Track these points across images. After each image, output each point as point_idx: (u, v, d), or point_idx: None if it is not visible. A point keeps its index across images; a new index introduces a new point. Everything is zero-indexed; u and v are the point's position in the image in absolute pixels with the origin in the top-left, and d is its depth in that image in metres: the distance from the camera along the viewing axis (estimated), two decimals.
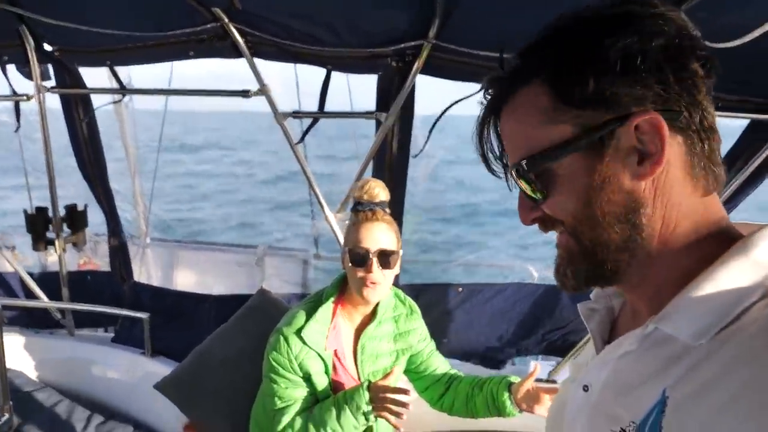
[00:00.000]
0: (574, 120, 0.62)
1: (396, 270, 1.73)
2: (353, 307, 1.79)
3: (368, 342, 1.80)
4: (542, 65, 0.65)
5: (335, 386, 1.76)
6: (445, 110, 2.35)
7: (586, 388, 0.73)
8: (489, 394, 1.82)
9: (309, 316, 1.71)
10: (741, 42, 1.45)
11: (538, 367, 1.73)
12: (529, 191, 0.68)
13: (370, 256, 1.64)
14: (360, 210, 1.70)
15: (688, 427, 0.56)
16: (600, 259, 0.66)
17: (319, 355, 1.70)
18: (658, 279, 0.65)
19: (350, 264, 1.67)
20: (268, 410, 1.76)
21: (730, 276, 0.59)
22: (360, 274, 1.65)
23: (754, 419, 0.51)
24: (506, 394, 1.77)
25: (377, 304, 1.80)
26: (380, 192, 1.71)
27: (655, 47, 0.59)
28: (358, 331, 1.81)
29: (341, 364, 1.77)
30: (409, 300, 1.96)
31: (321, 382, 1.71)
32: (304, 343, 1.67)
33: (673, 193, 0.62)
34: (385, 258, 1.65)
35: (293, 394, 1.70)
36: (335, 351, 1.75)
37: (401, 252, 1.74)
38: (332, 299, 1.76)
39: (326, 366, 1.71)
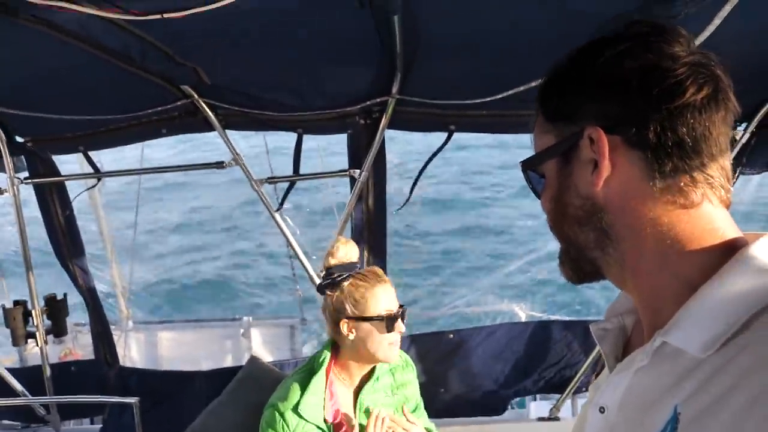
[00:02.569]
0: (552, 132, 0.71)
1: None
2: (351, 370, 1.76)
3: (367, 397, 1.78)
4: (538, 93, 0.75)
5: None
6: (425, 166, 2.43)
7: (602, 410, 0.72)
8: None
9: (303, 388, 1.68)
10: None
11: None
12: (530, 188, 0.78)
13: (401, 315, 1.67)
14: (362, 273, 1.70)
15: None
16: (574, 255, 0.73)
17: (318, 428, 1.66)
18: (655, 287, 0.67)
19: (386, 330, 1.65)
20: None
21: (735, 285, 0.59)
22: (391, 336, 1.67)
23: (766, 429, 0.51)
24: None
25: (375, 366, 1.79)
26: (349, 250, 1.73)
27: (621, 67, 0.64)
28: (357, 392, 1.79)
29: (343, 426, 1.74)
30: (404, 353, 1.96)
31: None
32: (301, 417, 1.64)
33: (634, 202, 0.65)
34: (405, 314, 1.70)
35: None
36: (337, 423, 1.72)
37: None
38: (324, 367, 1.72)
39: None
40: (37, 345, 2.83)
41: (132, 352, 4.64)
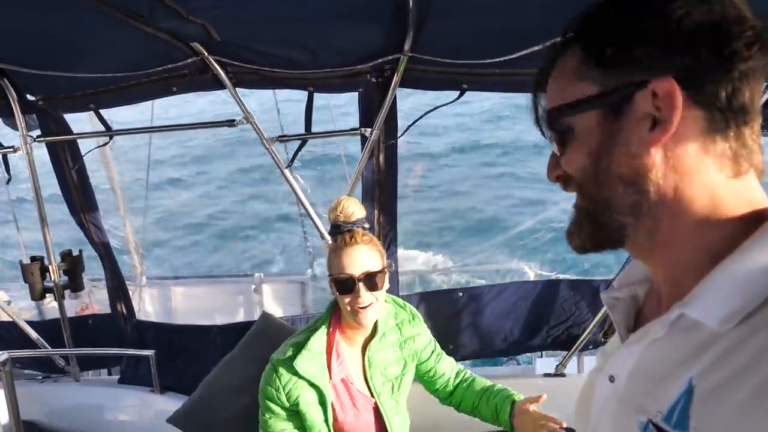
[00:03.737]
0: (598, 79, 0.64)
1: (386, 287, 1.73)
2: (352, 330, 1.78)
3: (374, 354, 1.81)
4: (580, 29, 0.67)
5: (349, 409, 1.77)
6: (424, 115, 2.43)
7: (612, 379, 0.71)
8: (494, 408, 1.88)
9: (301, 345, 1.70)
10: None
11: (544, 397, 1.81)
12: (553, 143, 0.71)
13: (356, 281, 1.62)
14: (338, 233, 1.68)
15: (716, 417, 0.54)
16: (604, 220, 0.67)
17: (312, 385, 1.68)
18: (681, 259, 0.64)
19: (337, 291, 1.67)
20: None
21: (758, 258, 0.57)
22: (348, 299, 1.65)
23: None
24: (508, 413, 1.83)
25: (376, 321, 1.80)
26: (355, 210, 1.70)
27: (692, 18, 0.59)
28: (364, 349, 1.82)
29: (354, 388, 1.78)
30: (409, 306, 1.98)
31: (314, 413, 1.70)
32: (295, 373, 1.66)
33: (687, 166, 0.61)
34: (371, 280, 1.64)
35: (277, 426, 1.71)
36: (343, 379, 1.76)
37: (389, 268, 1.75)
38: (325, 327, 1.75)
39: (321, 396, 1.70)
40: (55, 300, 2.91)
41: (146, 307, 4.74)
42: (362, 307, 1.64)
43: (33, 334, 2.98)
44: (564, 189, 0.73)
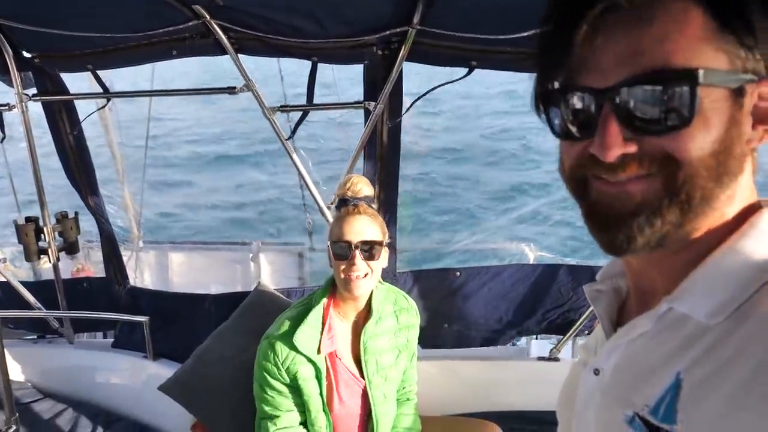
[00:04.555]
0: (731, 52, 0.53)
1: (383, 262, 1.73)
2: (346, 305, 1.78)
3: (370, 340, 1.80)
4: None
5: (334, 386, 1.77)
6: (429, 90, 2.37)
7: (597, 372, 0.71)
8: None
9: (299, 320, 1.71)
10: None
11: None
12: (653, 114, 0.54)
13: (353, 248, 1.64)
14: (343, 206, 1.72)
15: (704, 410, 0.54)
16: (692, 217, 0.57)
17: (310, 360, 1.69)
18: (684, 256, 0.61)
19: (333, 258, 1.68)
20: (258, 414, 1.79)
21: (746, 251, 0.56)
22: (343, 266, 1.66)
23: None
24: None
25: (370, 300, 1.80)
26: (363, 187, 1.73)
27: None
28: (357, 330, 1.81)
29: (340, 364, 1.77)
30: (410, 299, 1.98)
31: (311, 388, 1.71)
32: (293, 348, 1.67)
33: (746, 168, 0.58)
34: (369, 249, 1.66)
35: (279, 402, 1.73)
36: (331, 353, 1.75)
37: (388, 243, 1.76)
38: (323, 301, 1.75)
39: (318, 371, 1.71)
40: (50, 261, 2.89)
41: (142, 272, 4.73)
42: (356, 276, 1.66)
43: (27, 295, 2.97)
44: (624, 173, 0.57)
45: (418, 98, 2.43)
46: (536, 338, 3.10)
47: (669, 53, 0.53)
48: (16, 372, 2.99)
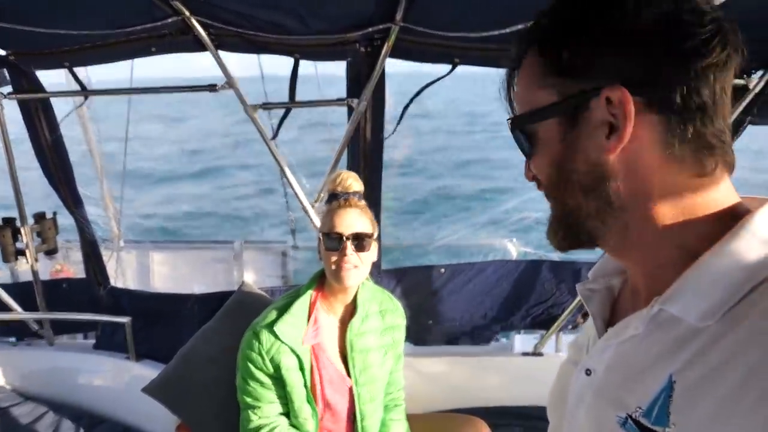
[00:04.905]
0: (556, 87, 0.63)
1: (372, 254, 1.76)
2: (333, 297, 1.79)
3: (356, 338, 1.80)
4: (536, 33, 0.66)
5: (318, 380, 1.76)
6: (417, 93, 2.37)
7: (588, 372, 0.71)
8: None
9: (283, 311, 1.72)
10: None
11: None
12: (520, 148, 0.71)
13: (344, 239, 1.67)
14: (334, 200, 1.74)
15: (697, 413, 0.55)
16: (571, 224, 0.67)
17: (293, 351, 1.70)
18: (656, 257, 0.64)
19: (325, 249, 1.70)
20: (240, 405, 1.78)
21: (737, 254, 0.57)
22: (334, 258, 1.68)
23: (763, 407, 0.49)
24: None
25: (356, 296, 1.81)
26: (353, 183, 1.76)
27: (642, 18, 0.58)
28: (343, 326, 1.81)
29: (325, 357, 1.77)
30: (396, 301, 1.99)
31: (294, 379, 1.71)
32: (277, 337, 1.68)
33: (647, 170, 0.61)
34: (360, 241, 1.69)
35: (261, 394, 1.73)
36: (315, 346, 1.75)
37: (376, 236, 1.78)
38: (310, 293, 1.77)
39: (301, 362, 1.71)
40: (27, 262, 2.83)
41: (124, 272, 4.67)
42: (347, 267, 1.68)
43: (5, 297, 2.91)
44: (539, 189, 0.73)
45: (410, 102, 2.42)
46: (519, 333, 3.12)
47: (517, 104, 0.70)
48: None
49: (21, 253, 2.83)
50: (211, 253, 4.73)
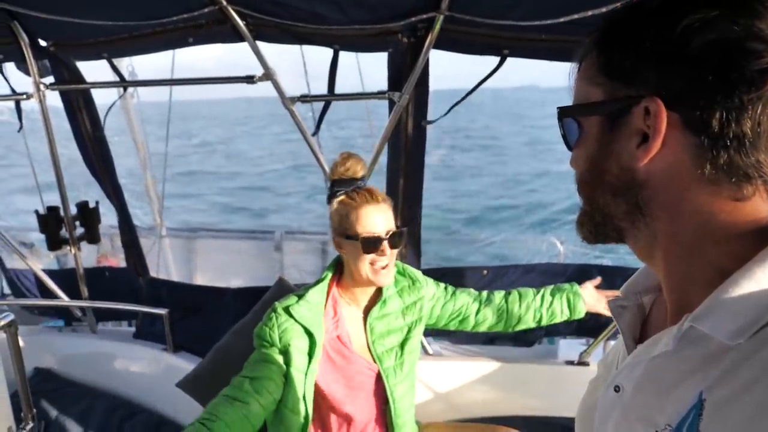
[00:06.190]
0: (604, 87, 0.64)
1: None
2: (357, 289, 1.73)
3: (376, 322, 1.74)
4: (600, 33, 0.66)
5: (339, 370, 1.71)
6: (474, 89, 2.23)
7: (617, 389, 0.70)
8: (565, 301, 2.02)
9: (301, 296, 1.67)
10: None
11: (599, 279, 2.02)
12: (563, 138, 0.72)
13: (382, 240, 1.59)
14: (355, 191, 1.63)
15: (726, 431, 0.54)
16: (599, 221, 0.69)
17: (306, 332, 1.62)
18: (685, 272, 0.64)
19: (363, 252, 1.61)
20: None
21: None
22: (371, 259, 1.61)
23: None
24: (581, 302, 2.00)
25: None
26: (360, 168, 1.66)
27: (700, 37, 0.55)
28: (366, 315, 1.76)
29: (350, 350, 1.71)
30: (408, 269, 1.88)
31: (299, 361, 1.62)
32: (291, 316, 1.62)
33: (679, 186, 0.60)
34: (396, 238, 1.62)
35: (264, 368, 1.61)
36: (337, 338, 1.69)
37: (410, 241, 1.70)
38: (326, 282, 1.70)
39: (311, 348, 1.63)
40: (71, 251, 2.87)
41: (166, 260, 4.73)
42: (384, 266, 1.62)
43: (50, 283, 2.97)
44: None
45: (464, 97, 2.29)
46: (565, 338, 2.98)
47: (573, 95, 0.71)
48: (40, 359, 3.01)
49: (65, 241, 2.87)
50: (251, 242, 4.75)
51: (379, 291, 1.76)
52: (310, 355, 1.65)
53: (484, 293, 1.99)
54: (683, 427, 0.58)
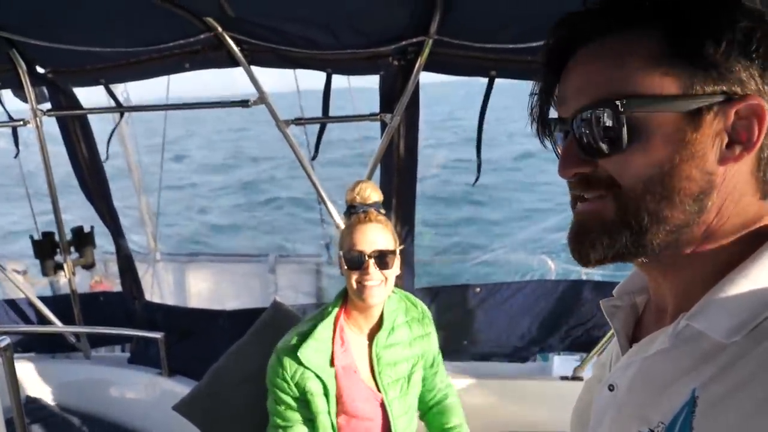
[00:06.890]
0: (684, 77, 0.56)
1: (396, 270, 1.69)
2: (359, 314, 1.74)
3: (383, 351, 1.75)
4: (660, 12, 0.58)
5: (353, 396, 1.72)
6: (480, 124, 2.27)
7: (612, 388, 0.70)
8: None
9: (307, 335, 1.67)
10: None
11: None
12: (595, 139, 0.59)
13: (366, 258, 1.61)
14: (353, 213, 1.67)
15: (719, 427, 0.54)
16: (648, 237, 0.60)
17: (318, 376, 1.65)
18: (692, 276, 0.63)
19: (346, 268, 1.64)
20: (269, 424, 1.75)
21: (764, 271, 0.56)
22: (356, 277, 1.63)
23: None
24: None
25: (383, 311, 1.75)
26: (372, 193, 1.69)
27: None
28: (371, 341, 1.76)
29: (359, 379, 1.72)
30: (421, 304, 1.91)
31: (319, 403, 1.67)
32: (300, 363, 1.63)
33: (737, 187, 0.59)
34: (382, 258, 1.62)
35: (290, 416, 1.69)
36: (346, 367, 1.70)
37: (400, 251, 1.71)
38: (334, 312, 1.72)
39: (325, 387, 1.67)
40: (65, 276, 2.87)
41: (160, 285, 4.72)
42: (370, 285, 1.62)
43: (44, 310, 2.96)
44: (580, 190, 0.64)
45: (478, 146, 2.32)
46: (559, 354, 3.00)
47: (609, 85, 0.58)
48: (33, 387, 2.98)
49: (59, 267, 2.87)
50: (245, 266, 4.75)
51: (381, 317, 1.76)
52: (326, 394, 1.68)
53: (447, 390, 1.99)
54: (676, 424, 0.58)
